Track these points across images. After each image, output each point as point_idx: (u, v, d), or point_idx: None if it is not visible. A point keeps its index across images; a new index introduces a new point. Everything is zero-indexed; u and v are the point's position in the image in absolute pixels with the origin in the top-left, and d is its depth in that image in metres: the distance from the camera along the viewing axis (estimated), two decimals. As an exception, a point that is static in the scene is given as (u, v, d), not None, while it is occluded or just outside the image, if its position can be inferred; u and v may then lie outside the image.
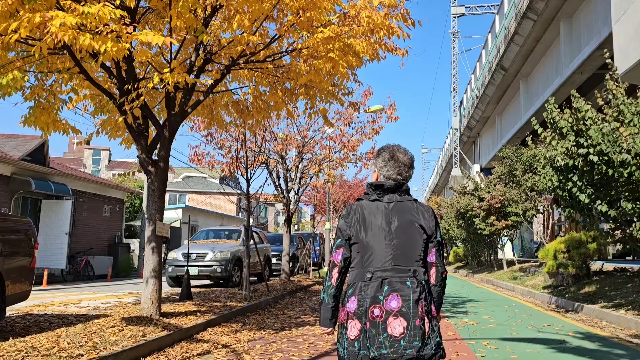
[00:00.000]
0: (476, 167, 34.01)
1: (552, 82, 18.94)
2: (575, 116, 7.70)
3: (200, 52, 7.47)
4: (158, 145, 7.19)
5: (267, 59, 7.25)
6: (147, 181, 6.96)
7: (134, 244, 25.82)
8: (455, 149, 35.75)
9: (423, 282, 2.27)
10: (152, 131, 7.77)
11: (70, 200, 16.78)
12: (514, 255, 22.39)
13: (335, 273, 2.36)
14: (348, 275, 2.38)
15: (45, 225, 16.32)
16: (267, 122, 12.67)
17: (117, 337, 5.51)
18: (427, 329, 2.20)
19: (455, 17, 37.04)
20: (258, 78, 8.63)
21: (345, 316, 2.28)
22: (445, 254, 43.75)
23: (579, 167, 7.73)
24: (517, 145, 16.55)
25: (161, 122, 7.59)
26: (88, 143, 8.32)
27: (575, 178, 8.05)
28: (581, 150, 7.50)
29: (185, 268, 10.64)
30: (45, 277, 14.40)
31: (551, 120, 7.88)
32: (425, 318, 2.21)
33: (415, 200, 2.42)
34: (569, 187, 8.17)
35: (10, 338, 5.41)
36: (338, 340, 2.33)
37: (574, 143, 7.64)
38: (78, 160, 65.22)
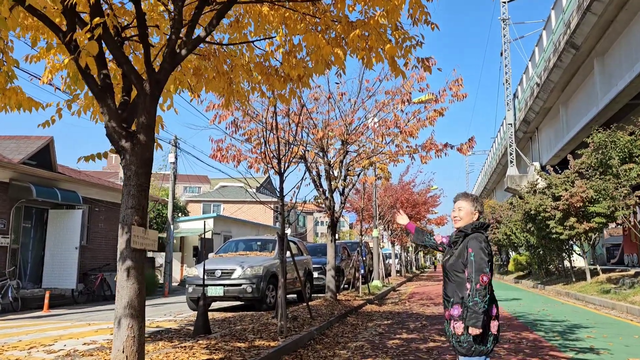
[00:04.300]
0: (536, 165, 30.57)
1: (642, 54, 15.72)
2: None
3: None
4: (139, 111, 4.64)
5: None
6: (120, 164, 4.42)
7: (162, 258, 23.72)
8: (510, 146, 32.40)
9: None
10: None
11: (81, 209, 14.56)
12: (595, 263, 19.01)
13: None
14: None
15: (52, 239, 14.12)
16: (304, 103, 10.07)
17: None
18: None
19: (505, 3, 33.97)
20: (289, 21, 6.10)
21: (487, 319, 3.13)
22: (500, 262, 40.27)
23: None
24: (612, 129, 13.35)
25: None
26: (53, 122, 5.86)
27: None
28: None
29: (202, 290, 8.12)
30: (46, 301, 12.05)
31: None
32: None
33: None
34: None
35: None
36: (483, 338, 3.13)
37: None
38: (115, 173, 64.32)
